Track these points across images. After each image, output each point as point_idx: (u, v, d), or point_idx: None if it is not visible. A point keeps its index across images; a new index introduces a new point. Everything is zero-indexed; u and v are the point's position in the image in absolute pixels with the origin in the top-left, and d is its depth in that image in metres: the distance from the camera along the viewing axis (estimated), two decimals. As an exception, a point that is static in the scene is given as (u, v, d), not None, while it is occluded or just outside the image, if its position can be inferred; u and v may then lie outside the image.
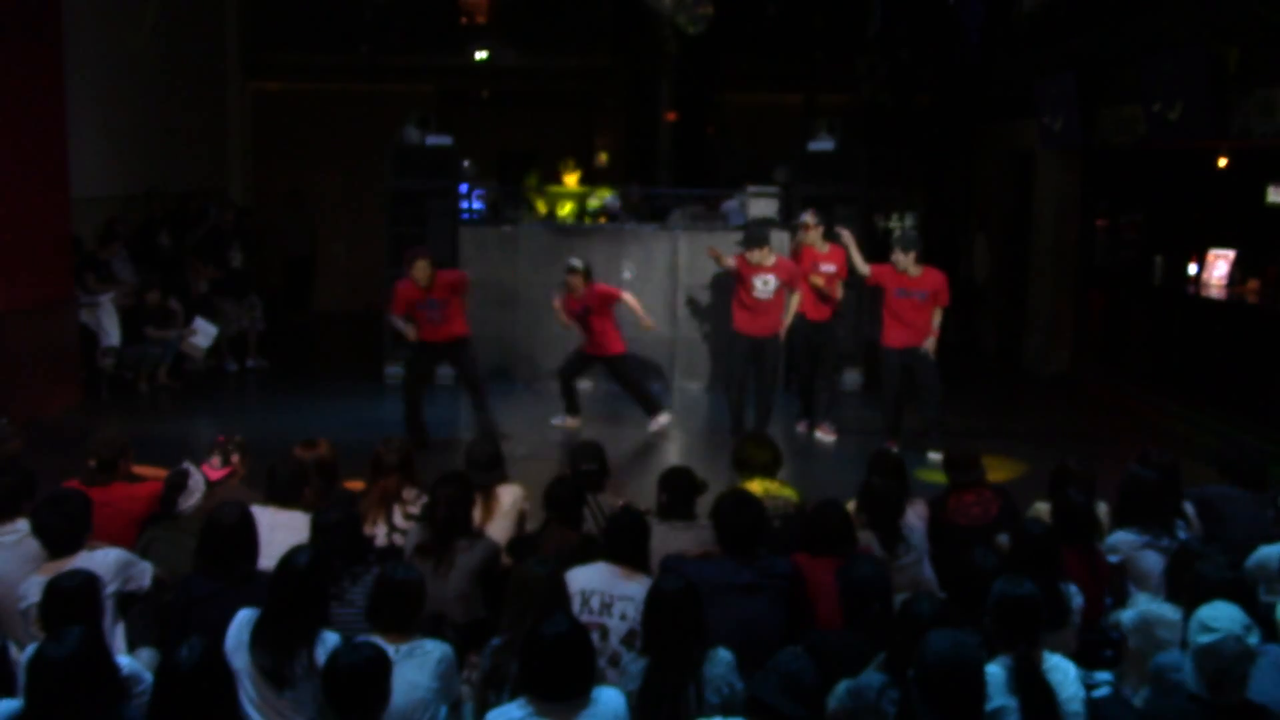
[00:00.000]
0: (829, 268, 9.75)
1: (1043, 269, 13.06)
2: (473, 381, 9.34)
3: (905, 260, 8.97)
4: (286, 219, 15.96)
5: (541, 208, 12.37)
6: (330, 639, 4.08)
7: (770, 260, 9.22)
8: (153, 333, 10.93)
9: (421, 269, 8.88)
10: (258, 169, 16.85)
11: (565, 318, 9.77)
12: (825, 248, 9.81)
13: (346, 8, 16.37)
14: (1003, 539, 5.30)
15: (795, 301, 9.50)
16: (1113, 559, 5.22)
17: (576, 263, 9.66)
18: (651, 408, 9.92)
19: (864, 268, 9.28)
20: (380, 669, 3.66)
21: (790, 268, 9.44)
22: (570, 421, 9.95)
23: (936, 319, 9.03)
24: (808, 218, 9.88)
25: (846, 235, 9.44)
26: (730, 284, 9.81)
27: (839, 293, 9.85)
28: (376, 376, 11.66)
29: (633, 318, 9.87)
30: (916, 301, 9.00)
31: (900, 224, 15.64)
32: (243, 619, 4.10)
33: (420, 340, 9.06)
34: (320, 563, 4.20)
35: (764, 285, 9.22)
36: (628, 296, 9.81)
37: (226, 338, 12.31)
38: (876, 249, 11.29)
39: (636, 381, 10.01)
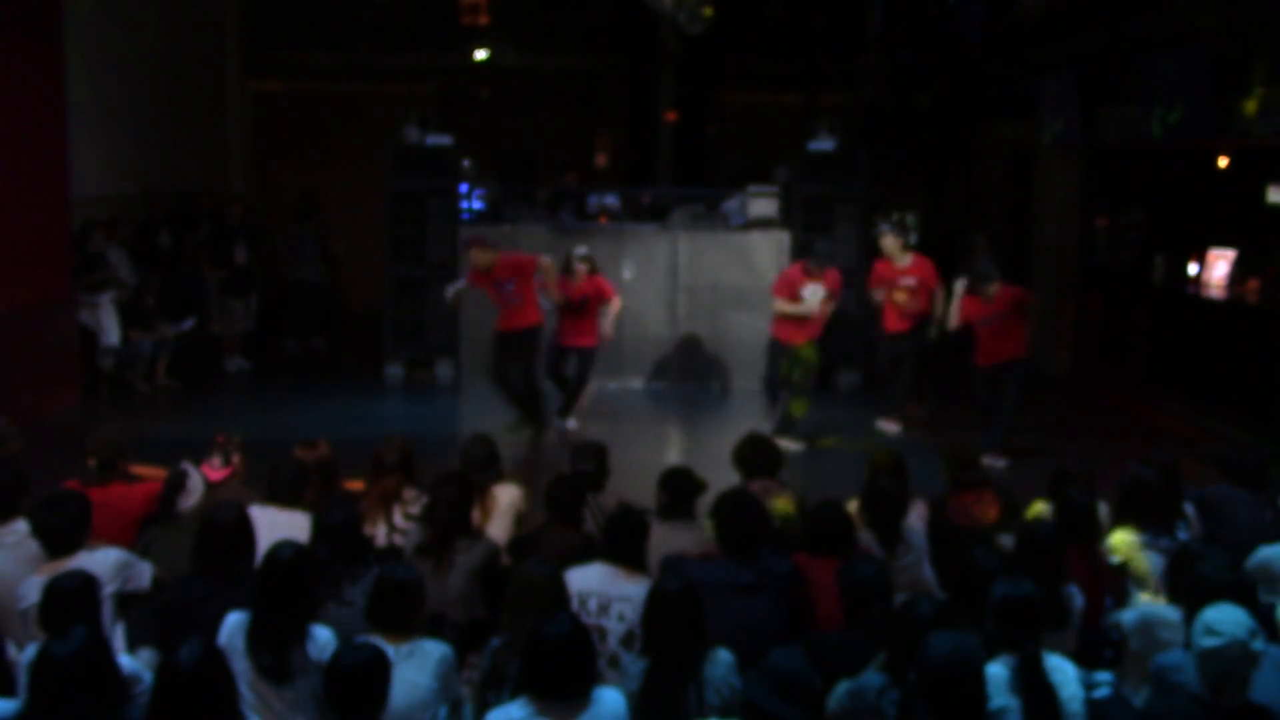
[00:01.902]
0: (910, 281, 9.72)
1: (1043, 269, 13.05)
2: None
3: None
4: (294, 236, 13.71)
5: None
6: (322, 635, 4.09)
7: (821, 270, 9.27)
8: (136, 335, 10.88)
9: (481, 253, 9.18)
10: (258, 169, 16.84)
11: (555, 296, 9.55)
12: (906, 260, 9.75)
13: (346, 7, 16.34)
14: (1005, 540, 5.30)
15: (819, 302, 9.29)
16: (1113, 559, 5.22)
17: (585, 250, 9.70)
18: (568, 408, 9.83)
19: (953, 319, 9.13)
20: (380, 669, 3.67)
21: (836, 278, 9.40)
22: (574, 424, 9.80)
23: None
24: (886, 228, 9.94)
25: (959, 287, 9.02)
26: (733, 290, 9.75)
27: (926, 303, 9.74)
28: (377, 376, 11.66)
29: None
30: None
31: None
32: (233, 623, 4.10)
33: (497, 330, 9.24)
34: (305, 557, 4.20)
35: (812, 295, 9.14)
36: (617, 301, 9.73)
37: (228, 337, 12.30)
38: (875, 249, 11.26)
39: (586, 379, 9.88)
